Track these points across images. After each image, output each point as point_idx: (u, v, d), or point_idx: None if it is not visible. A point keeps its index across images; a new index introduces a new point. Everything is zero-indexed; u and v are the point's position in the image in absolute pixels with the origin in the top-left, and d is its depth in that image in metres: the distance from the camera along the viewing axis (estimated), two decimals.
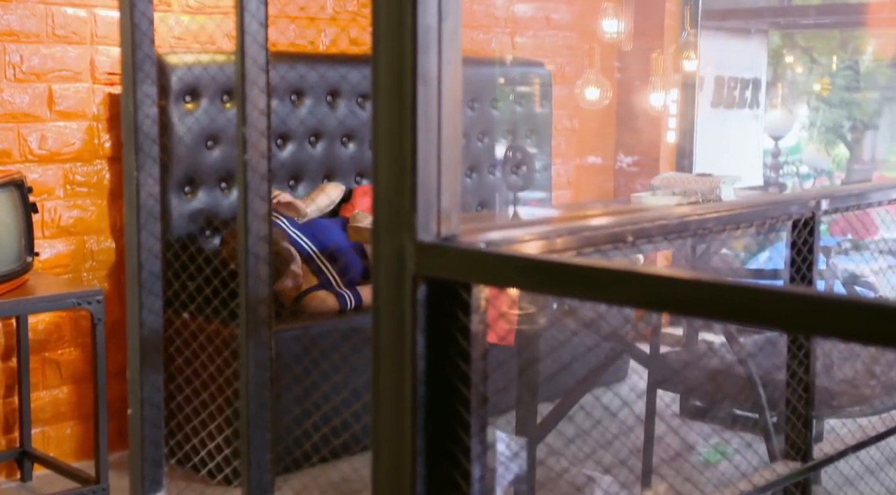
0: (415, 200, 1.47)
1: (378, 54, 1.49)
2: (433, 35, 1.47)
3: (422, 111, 1.46)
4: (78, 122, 3.70)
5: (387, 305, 1.51)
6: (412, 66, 1.45)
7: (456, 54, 1.50)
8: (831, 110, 10.36)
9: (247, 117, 1.69)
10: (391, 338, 1.51)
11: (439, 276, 1.48)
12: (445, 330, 1.51)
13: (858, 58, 9.71)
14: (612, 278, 1.27)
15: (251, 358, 1.73)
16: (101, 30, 3.72)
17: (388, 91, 1.48)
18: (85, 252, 3.76)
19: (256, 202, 1.71)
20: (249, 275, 1.72)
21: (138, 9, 1.83)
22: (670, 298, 1.22)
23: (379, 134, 1.50)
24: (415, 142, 1.46)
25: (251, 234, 1.71)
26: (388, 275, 1.51)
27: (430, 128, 1.47)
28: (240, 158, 1.70)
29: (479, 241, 1.52)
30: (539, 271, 1.38)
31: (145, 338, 1.92)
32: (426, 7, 1.45)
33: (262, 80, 1.69)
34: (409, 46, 1.45)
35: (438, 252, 1.47)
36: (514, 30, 5.08)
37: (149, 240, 1.90)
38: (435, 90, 1.47)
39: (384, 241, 1.51)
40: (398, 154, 1.48)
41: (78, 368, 3.77)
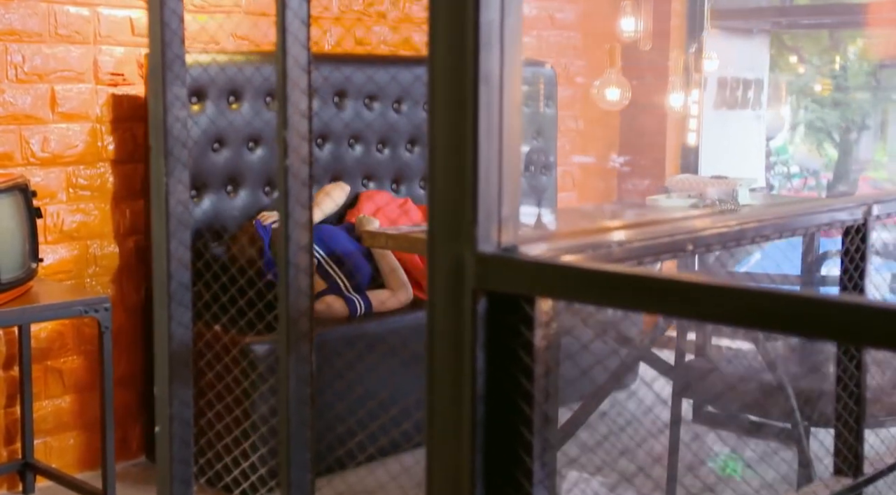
0: (475, 209, 1.39)
1: (435, 52, 1.40)
2: (495, 32, 1.38)
3: (483, 113, 1.38)
4: (81, 124, 3.60)
5: (443, 320, 1.43)
6: (473, 66, 1.37)
7: (517, 53, 1.41)
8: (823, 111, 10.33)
9: (288, 120, 1.60)
10: (448, 354, 1.43)
11: (501, 289, 1.40)
12: (507, 346, 1.42)
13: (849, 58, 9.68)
14: (704, 293, 1.19)
15: (292, 373, 1.64)
16: (105, 29, 3.61)
17: (446, 92, 1.39)
18: (88, 257, 3.66)
19: (297, 210, 1.62)
20: (290, 286, 1.63)
21: (168, 6, 1.74)
22: (768, 313, 1.13)
23: (436, 138, 1.41)
24: (476, 147, 1.38)
25: (292, 243, 1.62)
26: (445, 288, 1.42)
27: (491, 131, 1.39)
28: (280, 164, 1.61)
29: (542, 252, 1.43)
30: (615, 284, 1.30)
31: (174, 351, 1.83)
32: (489, 2, 1.36)
33: (304, 82, 1.60)
34: (471, 44, 1.37)
35: (500, 263, 1.39)
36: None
37: (178, 249, 1.81)
38: (497, 91, 1.39)
39: (441, 253, 1.42)
40: (457, 159, 1.39)
41: (81, 377, 3.67)
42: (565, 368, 3.60)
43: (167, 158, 1.76)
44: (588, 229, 1.60)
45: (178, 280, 1.81)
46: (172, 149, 1.77)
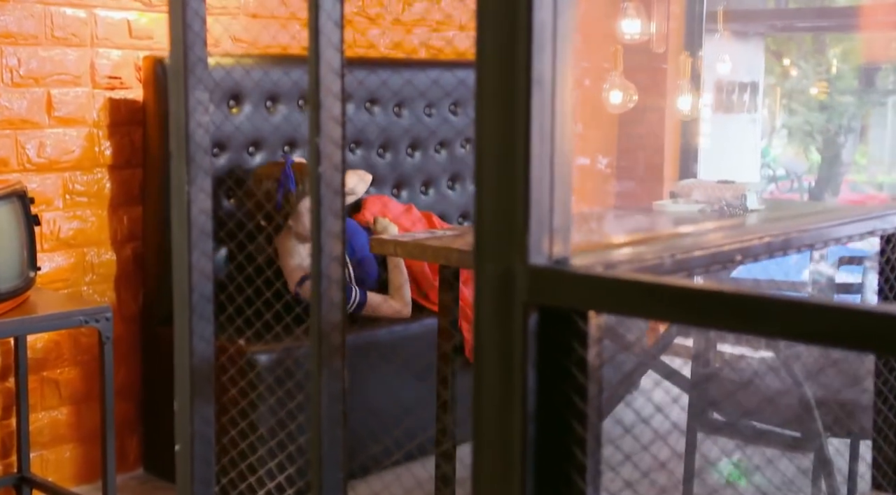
0: (527, 219, 1.32)
1: (484, 53, 1.33)
2: (548, 32, 1.31)
3: (536, 118, 1.31)
4: (77, 129, 3.51)
5: (492, 336, 1.36)
6: (526, 68, 1.30)
7: (569, 55, 1.34)
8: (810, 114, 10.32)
9: (321, 126, 1.52)
10: (497, 372, 1.35)
11: (553, 304, 1.33)
12: (559, 363, 1.35)
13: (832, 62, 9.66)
14: (778, 309, 1.12)
15: (324, 390, 1.56)
16: (102, 31, 3.53)
17: (496, 95, 1.32)
18: (85, 265, 3.57)
19: (330, 220, 1.54)
20: (322, 298, 1.55)
21: (191, 7, 1.66)
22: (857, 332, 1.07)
23: (484, 143, 1.34)
24: (528, 153, 1.31)
25: (324, 255, 1.54)
26: (493, 302, 1.35)
27: (544, 137, 1.32)
28: (313, 172, 1.54)
29: (595, 265, 1.36)
30: (685, 300, 1.23)
31: (196, 367, 1.75)
32: (542, 1, 1.29)
33: (337, 86, 1.52)
34: (523, 44, 1.30)
35: (553, 277, 1.32)
36: None
37: (200, 260, 1.73)
38: (549, 95, 1.32)
39: (489, 265, 1.35)
40: (508, 166, 1.32)
41: (77, 388, 3.58)
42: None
43: (189, 166, 1.69)
44: (632, 240, 1.53)
45: (200, 292, 1.73)
46: (195, 155, 1.69)
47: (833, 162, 10.39)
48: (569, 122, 1.36)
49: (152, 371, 3.66)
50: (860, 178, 11.17)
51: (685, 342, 4.83)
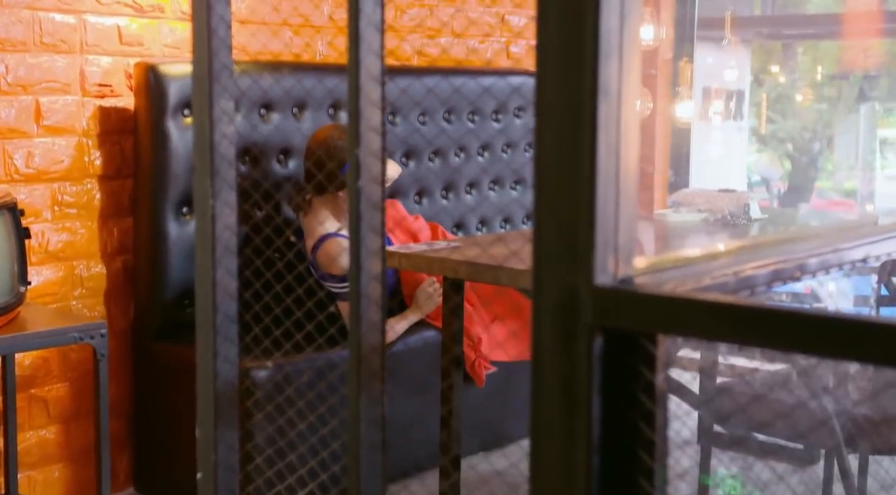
0: (592, 237, 1.24)
1: (546, 61, 1.25)
2: (615, 39, 1.24)
3: (603, 130, 1.23)
4: (67, 138, 3.40)
5: (553, 360, 1.28)
6: (592, 78, 1.22)
7: (636, 63, 1.27)
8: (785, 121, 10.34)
9: (360, 137, 1.44)
10: (559, 400, 1.28)
11: (620, 326, 1.25)
12: (625, 389, 1.27)
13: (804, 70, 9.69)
14: (878, 333, 1.05)
15: (363, 416, 1.48)
16: (91, 38, 3.42)
17: (559, 106, 1.25)
18: (74, 278, 3.46)
19: (370, 237, 1.46)
20: (361, 319, 1.47)
21: (216, 12, 1.57)
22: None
23: (545, 156, 1.26)
24: (594, 167, 1.23)
25: (364, 274, 1.46)
26: (555, 324, 1.27)
27: (610, 150, 1.24)
28: (351, 186, 1.45)
29: (662, 284, 1.29)
30: (761, 322, 1.15)
31: (220, 391, 1.66)
32: (609, 5, 1.22)
33: (377, 94, 1.44)
34: (590, 53, 1.22)
35: (621, 297, 1.24)
36: (509, 38, 4.86)
37: (225, 278, 1.64)
38: (615, 106, 1.25)
39: (549, 285, 1.27)
40: (572, 180, 1.24)
41: (67, 406, 3.47)
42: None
43: (213, 179, 1.60)
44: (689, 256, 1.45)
45: (225, 312, 1.64)
46: (219, 168, 1.61)
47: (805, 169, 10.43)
48: (635, 134, 1.28)
49: (143, 388, 3.55)
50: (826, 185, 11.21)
51: (691, 354, 4.77)
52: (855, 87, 9.19)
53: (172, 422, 3.47)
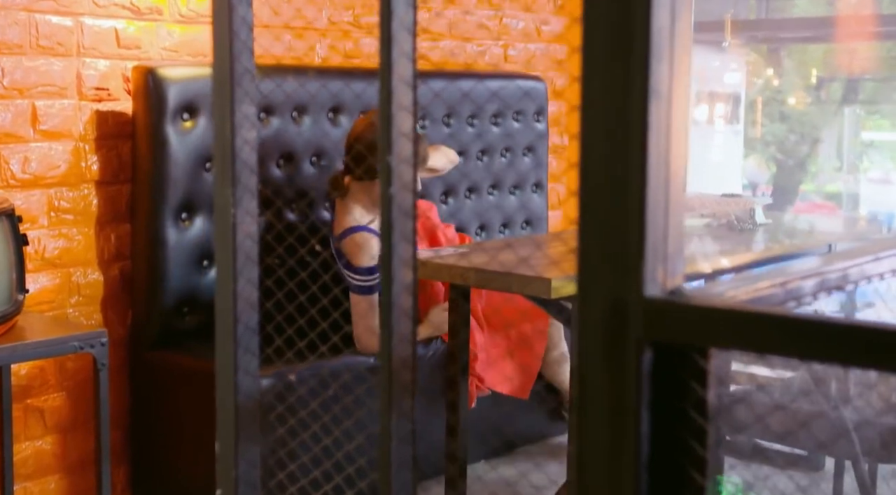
0: (642, 246, 1.19)
1: (593, 60, 1.20)
2: (666, 38, 1.19)
3: (654, 134, 1.18)
4: (63, 143, 3.33)
5: (600, 375, 1.22)
6: (642, 80, 1.17)
7: (687, 63, 1.22)
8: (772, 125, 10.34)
9: (392, 143, 1.38)
10: (606, 416, 1.22)
11: (671, 339, 1.20)
12: (674, 405, 1.22)
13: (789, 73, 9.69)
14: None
15: (393, 433, 1.42)
16: (88, 41, 3.35)
17: (606, 108, 1.19)
18: (71, 286, 3.39)
19: (402, 245, 1.40)
20: (392, 331, 1.41)
21: (238, 13, 1.51)
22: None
23: (591, 160, 1.21)
24: (644, 172, 1.18)
25: (395, 284, 1.40)
26: (602, 337, 1.22)
27: (660, 155, 1.19)
28: (384, 193, 1.39)
29: (713, 296, 1.24)
30: (822, 335, 1.10)
31: (241, 405, 1.60)
32: (660, 3, 1.17)
33: (409, 99, 1.39)
34: (640, 52, 1.17)
35: (672, 310, 1.19)
36: (506, 42, 4.81)
37: (246, 288, 1.58)
38: (666, 109, 1.19)
39: (595, 296, 1.22)
40: (620, 186, 1.19)
41: (63, 416, 3.39)
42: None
43: (235, 186, 1.54)
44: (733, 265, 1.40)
45: (246, 323, 1.59)
46: (240, 175, 1.55)
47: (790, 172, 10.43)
48: (685, 137, 1.23)
49: (142, 397, 3.48)
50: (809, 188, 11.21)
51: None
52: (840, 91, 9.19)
53: (171, 432, 3.40)
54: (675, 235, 1.23)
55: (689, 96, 1.26)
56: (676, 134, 1.22)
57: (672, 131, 1.21)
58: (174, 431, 3.40)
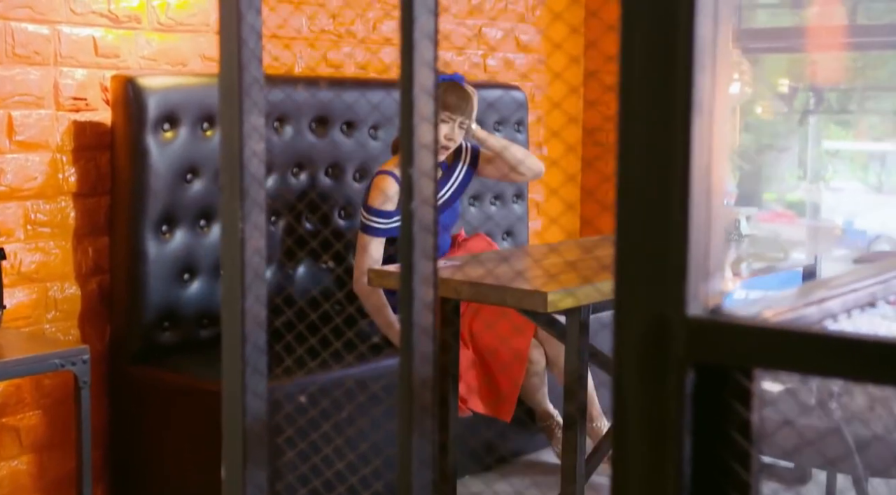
0: (685, 263, 1.14)
1: (631, 72, 1.16)
2: (708, 48, 1.14)
3: (697, 148, 1.14)
4: (40, 154, 3.25)
5: (639, 398, 1.18)
6: (685, 93, 1.13)
7: (728, 75, 1.18)
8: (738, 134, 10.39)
9: (413, 156, 1.33)
10: (645, 439, 1.18)
11: (714, 360, 1.16)
12: (717, 428, 1.18)
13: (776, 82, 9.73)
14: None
15: (414, 456, 1.37)
16: (66, 49, 3.27)
17: (647, 121, 1.15)
18: (48, 301, 3.30)
19: (422, 263, 1.35)
20: (413, 350, 1.36)
21: (247, 20, 1.46)
22: None
23: (629, 175, 1.17)
24: (686, 187, 1.14)
25: (416, 301, 1.35)
26: (642, 359, 1.17)
27: (702, 169, 1.15)
28: (404, 208, 1.34)
29: (758, 314, 1.19)
30: (874, 356, 1.07)
31: (250, 428, 1.54)
32: (703, 9, 1.13)
33: (430, 109, 1.34)
34: (683, 64, 1.13)
35: (716, 329, 1.14)
36: (485, 52, 4.77)
37: (254, 306, 1.52)
38: (708, 122, 1.15)
39: (634, 315, 1.17)
40: (662, 201, 1.15)
41: (40, 435, 3.30)
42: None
43: (243, 201, 1.48)
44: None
45: (254, 343, 1.53)
46: (249, 189, 1.49)
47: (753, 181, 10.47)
48: (726, 151, 1.19)
49: (121, 415, 3.40)
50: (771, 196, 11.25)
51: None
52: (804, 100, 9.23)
53: (152, 450, 3.32)
54: (715, 252, 1.19)
55: (728, 108, 1.21)
56: (718, 147, 1.18)
57: (714, 144, 1.17)
58: (155, 449, 3.32)
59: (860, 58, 8.84)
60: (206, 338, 3.49)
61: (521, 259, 3.23)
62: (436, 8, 1.34)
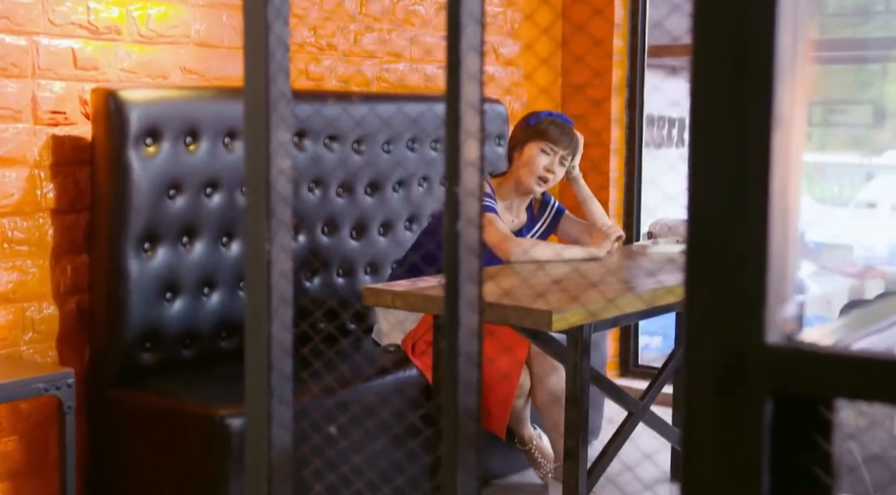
0: (764, 287, 1.08)
1: (704, 83, 1.09)
2: (789, 60, 1.08)
3: (778, 166, 1.07)
4: (17, 169, 3.13)
5: (713, 431, 1.11)
6: (765, 106, 1.06)
7: (807, 88, 1.12)
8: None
9: (459, 174, 1.25)
10: (722, 475, 1.10)
11: (796, 391, 1.09)
12: (797, 462, 1.11)
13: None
14: None
15: (460, 490, 1.29)
16: (44, 61, 3.16)
17: (722, 139, 1.08)
18: (25, 322, 3.18)
19: (468, 287, 1.28)
20: (458, 380, 1.28)
21: (274, 31, 1.38)
22: None
23: (703, 193, 1.10)
24: (765, 208, 1.07)
25: (462, 328, 1.28)
26: (716, 390, 1.10)
27: (783, 187, 1.08)
28: (449, 229, 1.26)
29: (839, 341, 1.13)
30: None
31: (275, 461, 1.45)
32: (785, 19, 1.06)
33: (476, 125, 1.26)
34: (762, 75, 1.06)
35: (797, 358, 1.08)
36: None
37: (280, 332, 1.44)
38: (786, 138, 1.09)
39: (709, 344, 1.10)
40: (738, 224, 1.08)
41: (16, 461, 3.18)
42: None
43: (270, 221, 1.40)
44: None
45: (280, 371, 1.44)
46: (275, 208, 1.41)
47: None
48: (801, 168, 1.13)
49: (100, 439, 3.27)
50: None
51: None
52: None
53: (133, 477, 3.20)
54: (791, 276, 1.12)
55: (805, 122, 1.15)
56: (795, 164, 1.11)
57: (791, 162, 1.10)
58: (136, 475, 3.20)
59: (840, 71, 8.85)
60: (189, 358, 3.38)
61: (509, 277, 3.15)
62: (482, 18, 1.27)
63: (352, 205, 3.90)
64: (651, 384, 3.55)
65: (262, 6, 1.39)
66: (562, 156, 3.48)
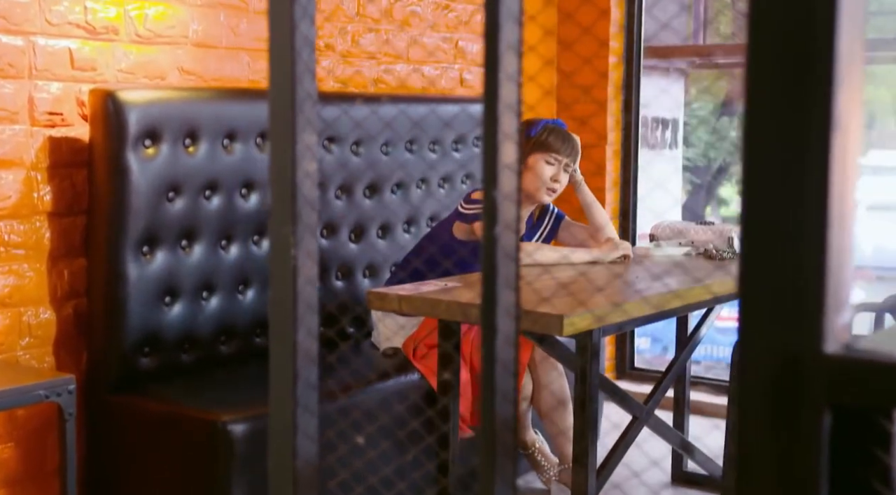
0: (822, 297, 1.04)
1: (761, 85, 1.05)
2: (846, 62, 1.05)
3: (837, 170, 1.04)
4: (14, 172, 3.08)
5: (769, 443, 1.07)
6: (824, 109, 1.03)
7: (861, 92, 1.08)
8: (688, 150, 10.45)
9: (497, 177, 1.22)
10: (777, 487, 1.07)
11: (855, 402, 1.06)
12: (856, 475, 1.08)
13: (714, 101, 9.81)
14: None
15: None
16: (41, 62, 3.11)
17: (780, 143, 1.05)
18: (21, 326, 3.12)
19: (505, 293, 1.24)
20: (496, 390, 1.25)
21: (301, 30, 1.34)
22: None
23: (758, 197, 1.06)
24: (824, 213, 1.04)
25: (499, 336, 1.24)
26: (772, 401, 1.07)
27: (842, 193, 1.05)
28: (487, 234, 1.23)
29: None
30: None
31: (300, 471, 1.41)
32: (841, 20, 1.03)
33: (513, 126, 1.23)
34: (823, 78, 1.03)
35: (856, 368, 1.05)
36: (463, 66, 4.67)
37: (306, 340, 1.40)
38: (844, 142, 1.05)
39: (763, 353, 1.07)
40: (796, 230, 1.05)
41: (13, 469, 3.12)
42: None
43: (295, 226, 1.36)
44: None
45: (306, 379, 1.40)
46: (301, 213, 1.37)
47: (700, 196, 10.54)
48: (858, 173, 1.09)
49: (99, 446, 3.22)
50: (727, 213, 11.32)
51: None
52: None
53: (132, 484, 3.15)
54: (847, 283, 1.09)
55: (861, 126, 1.12)
56: (852, 169, 1.08)
57: (848, 166, 1.07)
58: (135, 482, 3.15)
59: None
60: (188, 363, 3.33)
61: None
62: (520, 17, 1.24)
63: (350, 208, 3.86)
64: (654, 389, 3.52)
65: (289, 5, 1.35)
66: (565, 164, 3.46)
